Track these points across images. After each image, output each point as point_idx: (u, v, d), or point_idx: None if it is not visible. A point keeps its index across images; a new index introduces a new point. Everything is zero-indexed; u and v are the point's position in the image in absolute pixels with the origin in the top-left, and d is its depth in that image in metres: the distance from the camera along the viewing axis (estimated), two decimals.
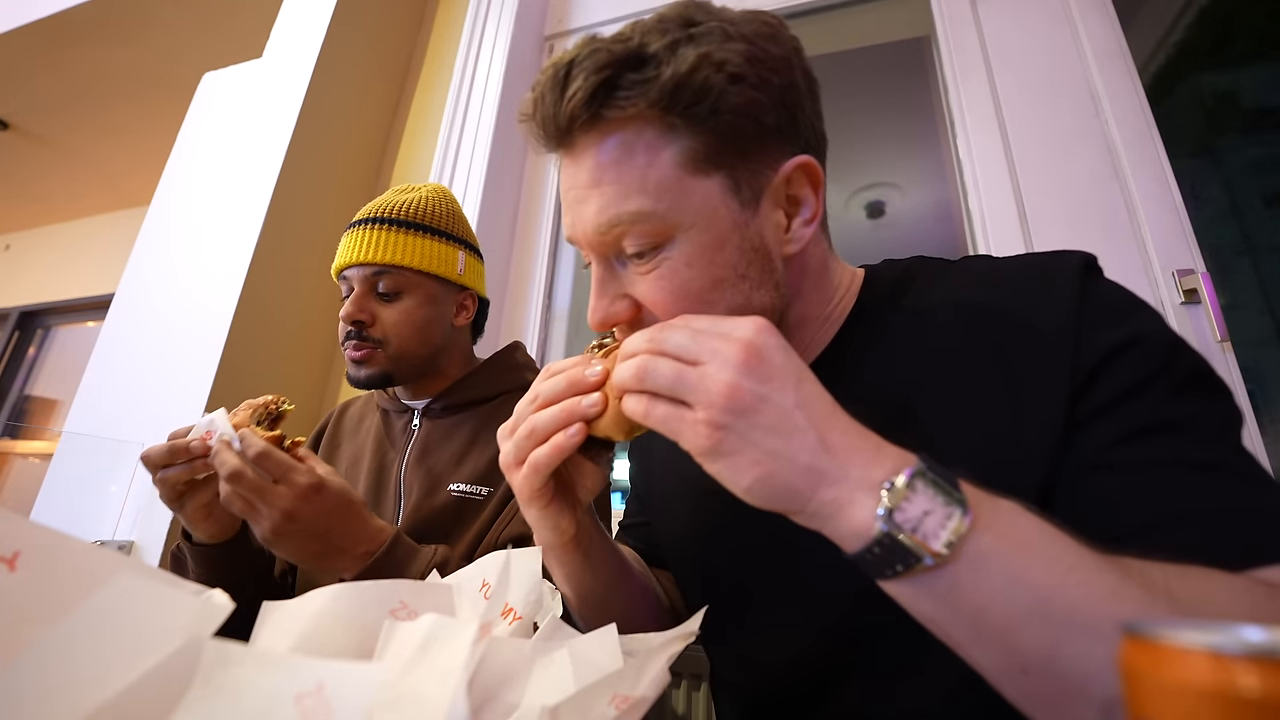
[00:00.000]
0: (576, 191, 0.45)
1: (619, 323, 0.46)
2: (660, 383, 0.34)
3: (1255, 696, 0.16)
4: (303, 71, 1.46)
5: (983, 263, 0.49)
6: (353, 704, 0.23)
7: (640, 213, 0.42)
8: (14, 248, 3.73)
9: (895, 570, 0.30)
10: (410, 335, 0.82)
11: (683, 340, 0.35)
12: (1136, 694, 0.18)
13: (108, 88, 2.46)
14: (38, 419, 3.27)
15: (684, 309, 0.42)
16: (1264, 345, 1.36)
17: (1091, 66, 1.12)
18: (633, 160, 0.42)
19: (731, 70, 0.41)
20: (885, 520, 0.29)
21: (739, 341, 0.33)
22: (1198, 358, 0.40)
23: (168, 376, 1.26)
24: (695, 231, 0.42)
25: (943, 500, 0.30)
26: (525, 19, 1.64)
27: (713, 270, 0.43)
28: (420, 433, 0.86)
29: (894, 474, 0.30)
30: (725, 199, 0.43)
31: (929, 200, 2.00)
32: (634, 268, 0.44)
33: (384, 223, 0.83)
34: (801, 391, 0.33)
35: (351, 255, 0.81)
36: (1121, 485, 0.37)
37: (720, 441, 0.32)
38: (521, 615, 0.41)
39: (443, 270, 0.84)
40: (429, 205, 0.86)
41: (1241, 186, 1.54)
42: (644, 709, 0.34)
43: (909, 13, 1.38)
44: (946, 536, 0.29)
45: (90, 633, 0.24)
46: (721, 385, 0.32)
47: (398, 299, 0.82)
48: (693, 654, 1.01)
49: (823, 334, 0.51)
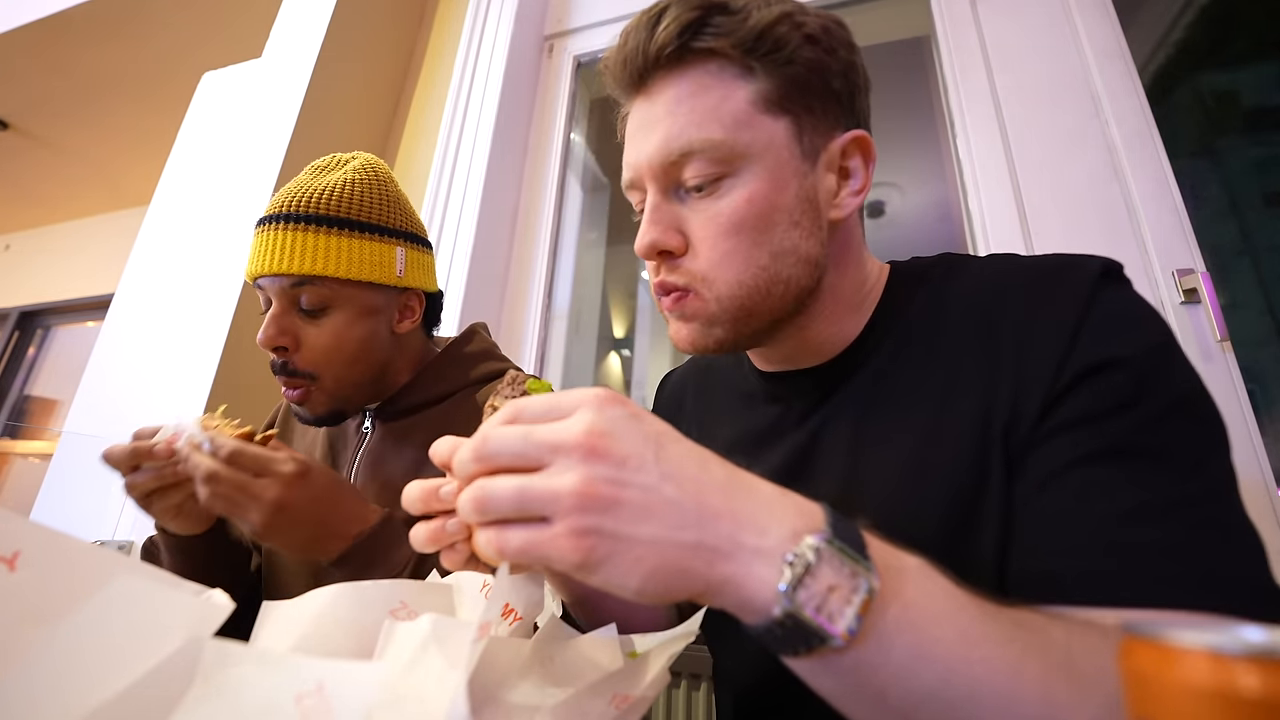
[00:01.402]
0: (647, 124, 0.46)
1: (667, 250, 0.46)
2: (505, 508, 0.28)
3: (1255, 696, 0.16)
4: (303, 71, 1.46)
5: (1005, 261, 0.49)
6: (353, 704, 0.23)
7: (711, 140, 0.44)
8: (14, 248, 3.73)
9: (799, 651, 0.27)
10: (344, 362, 0.68)
11: (514, 446, 0.29)
12: (1136, 694, 0.18)
13: (107, 88, 2.46)
14: (38, 419, 3.27)
15: (737, 244, 0.44)
16: (1264, 345, 1.35)
17: (1091, 66, 1.12)
18: (709, 93, 0.44)
19: (807, 32, 0.45)
20: (787, 598, 0.26)
21: (578, 430, 0.28)
22: (1186, 384, 0.39)
23: (168, 376, 1.26)
24: (760, 168, 0.44)
25: (849, 571, 0.27)
26: (525, 19, 1.64)
27: (770, 209, 0.45)
28: (372, 438, 0.75)
29: (794, 539, 0.27)
30: (790, 144, 0.45)
31: (929, 200, 2.00)
32: (693, 201, 0.46)
33: (299, 220, 0.66)
34: (664, 462, 0.28)
35: (262, 263, 0.66)
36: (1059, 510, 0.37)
37: (591, 550, 0.26)
38: (521, 615, 0.41)
39: (377, 275, 0.69)
40: (355, 192, 0.69)
41: (1241, 186, 1.54)
42: (644, 709, 0.34)
43: (908, 12, 1.38)
44: (853, 614, 0.26)
45: (90, 633, 0.24)
46: (571, 486, 0.27)
47: (324, 315, 0.67)
48: (693, 654, 1.01)
49: (852, 324, 0.51)
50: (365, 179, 0.71)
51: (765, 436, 0.54)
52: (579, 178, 1.64)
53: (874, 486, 0.46)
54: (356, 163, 0.73)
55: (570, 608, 0.50)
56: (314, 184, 0.69)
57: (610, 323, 2.50)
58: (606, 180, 1.81)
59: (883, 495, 0.45)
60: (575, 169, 1.63)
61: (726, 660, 0.56)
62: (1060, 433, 0.39)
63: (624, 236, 2.08)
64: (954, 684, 0.27)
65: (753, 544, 0.27)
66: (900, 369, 0.48)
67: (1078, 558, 0.35)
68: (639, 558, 0.27)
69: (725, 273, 0.45)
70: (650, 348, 2.69)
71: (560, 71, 1.67)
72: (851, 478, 0.47)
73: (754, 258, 0.45)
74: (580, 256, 1.58)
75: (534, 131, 1.63)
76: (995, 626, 0.28)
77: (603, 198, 1.82)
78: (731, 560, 0.27)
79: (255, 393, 1.27)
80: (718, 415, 0.61)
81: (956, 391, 0.44)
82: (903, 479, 0.44)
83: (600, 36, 1.66)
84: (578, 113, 1.68)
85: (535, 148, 1.61)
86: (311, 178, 0.71)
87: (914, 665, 0.27)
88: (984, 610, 0.29)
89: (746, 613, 0.28)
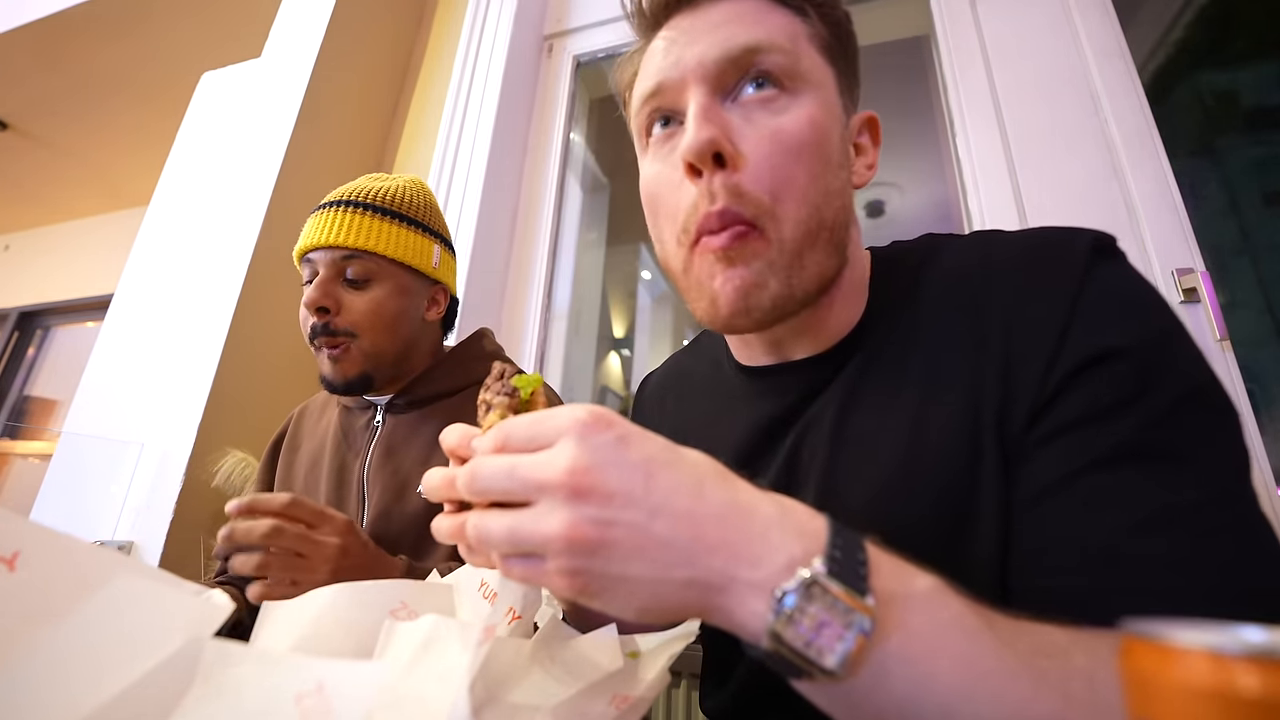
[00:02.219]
0: (696, 30, 0.43)
1: (720, 152, 0.40)
2: (500, 546, 0.28)
3: (1255, 696, 0.16)
4: (302, 71, 1.46)
5: (990, 239, 0.46)
6: (353, 704, 0.23)
7: (779, 45, 0.42)
8: (13, 248, 3.73)
9: (794, 676, 0.27)
10: (381, 327, 0.75)
11: (501, 483, 0.28)
12: (1136, 695, 0.18)
13: (107, 87, 2.46)
14: (38, 419, 3.27)
15: (798, 169, 0.40)
16: (1263, 344, 1.35)
17: (1091, 65, 1.12)
18: (771, 17, 0.43)
19: (844, 12, 0.47)
20: (776, 634, 0.25)
21: (561, 467, 0.26)
22: (1194, 372, 0.36)
23: (167, 376, 1.26)
24: (817, 97, 0.43)
25: (844, 608, 0.25)
26: (525, 19, 1.64)
27: (828, 139, 0.42)
28: (384, 430, 0.79)
29: (789, 572, 0.26)
30: (836, 90, 0.45)
31: (928, 199, 2.00)
32: (749, 109, 0.41)
33: (357, 206, 0.77)
34: (654, 493, 0.27)
35: (319, 237, 0.75)
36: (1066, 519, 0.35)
37: (585, 586, 0.27)
38: (521, 615, 0.41)
39: (416, 261, 0.79)
40: (406, 194, 0.81)
41: (1241, 185, 1.54)
42: (644, 709, 0.34)
43: (908, 11, 1.38)
44: (843, 650, 0.25)
45: (91, 633, 0.24)
46: (557, 530, 0.26)
47: (366, 287, 0.76)
48: (693, 654, 1.01)
49: (852, 311, 0.48)
50: (414, 187, 0.83)
51: (759, 439, 0.50)
52: (579, 178, 1.64)
53: (862, 486, 0.43)
54: (405, 178, 0.85)
55: (569, 614, 0.50)
56: (369, 184, 0.80)
57: (610, 323, 2.50)
58: (606, 180, 1.81)
59: (869, 495, 0.42)
60: (575, 169, 1.63)
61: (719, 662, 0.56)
62: (1060, 434, 0.36)
63: (623, 237, 2.08)
64: (955, 718, 0.26)
65: (745, 577, 0.26)
66: (887, 358, 0.45)
67: (1089, 573, 0.33)
68: (631, 593, 0.27)
69: (791, 203, 0.40)
70: (650, 348, 2.69)
71: (560, 71, 1.66)
72: (837, 477, 0.45)
73: (811, 193, 0.41)
74: (580, 256, 1.58)
75: (533, 131, 1.63)
76: (1009, 656, 0.27)
77: (602, 198, 1.82)
78: (724, 594, 0.26)
79: (255, 393, 1.27)
80: (705, 420, 0.57)
81: (943, 382, 0.41)
82: (892, 477, 0.42)
83: (600, 36, 1.66)
84: (577, 112, 1.68)
85: (535, 148, 1.61)
86: (367, 181, 0.82)
87: (913, 696, 0.26)
88: (998, 638, 0.27)
89: (744, 636, 0.27)
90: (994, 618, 0.28)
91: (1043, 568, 0.35)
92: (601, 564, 0.26)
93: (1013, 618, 0.29)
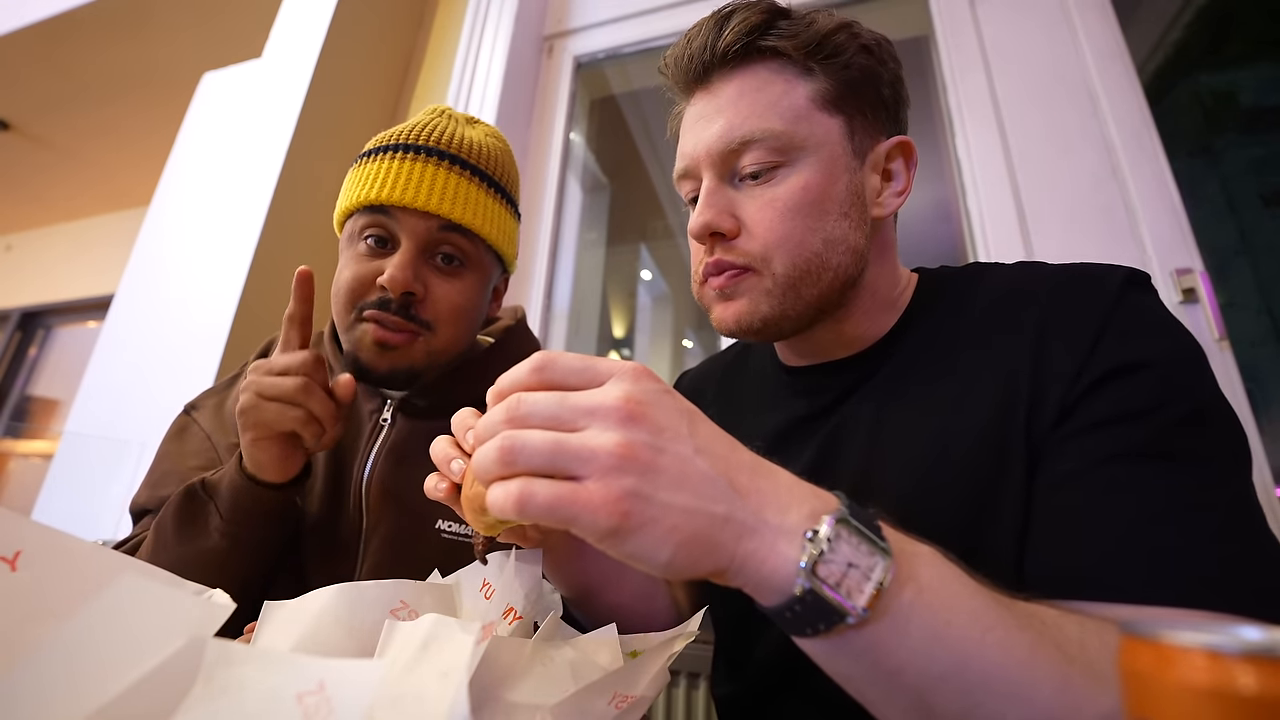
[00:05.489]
0: (708, 115, 0.50)
1: (720, 232, 0.48)
2: (535, 460, 0.27)
3: (1254, 695, 0.16)
4: (303, 71, 1.46)
5: (1033, 267, 0.51)
6: (354, 702, 0.24)
7: (771, 130, 0.47)
8: (15, 248, 3.73)
9: (816, 629, 0.27)
10: (462, 325, 0.61)
11: (549, 409, 0.28)
12: (1135, 694, 0.19)
13: (108, 88, 2.46)
14: (38, 419, 3.27)
15: (793, 227, 0.47)
16: (1262, 345, 1.36)
17: (1090, 66, 1.12)
18: (771, 88, 0.48)
19: (863, 42, 0.50)
20: (808, 575, 0.26)
21: (617, 395, 0.28)
22: (1213, 395, 0.40)
23: (168, 376, 1.26)
24: (815, 159, 0.47)
25: (867, 550, 0.27)
26: (525, 19, 1.64)
27: (824, 198, 0.47)
28: (391, 433, 0.62)
29: (814, 520, 0.28)
30: (843, 140, 0.49)
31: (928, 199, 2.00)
32: (748, 189, 0.49)
33: (461, 165, 0.59)
34: (698, 436, 0.29)
35: (409, 194, 0.56)
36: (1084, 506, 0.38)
37: (627, 515, 0.26)
38: (522, 615, 0.41)
39: (506, 247, 0.64)
40: (500, 158, 0.64)
41: (1240, 186, 1.54)
42: (644, 709, 0.34)
43: (907, 12, 1.39)
44: (870, 591, 0.27)
45: (92, 633, 0.24)
46: (611, 445, 0.26)
47: (458, 272, 0.60)
48: (693, 654, 1.01)
49: (884, 321, 0.53)
50: (503, 147, 0.66)
51: (793, 429, 0.55)
52: (578, 178, 1.64)
53: (894, 476, 0.47)
54: (487, 126, 0.66)
55: (568, 599, 0.50)
56: (463, 131, 0.62)
57: (610, 323, 2.50)
58: (606, 180, 1.81)
59: (903, 485, 0.46)
60: (575, 169, 1.63)
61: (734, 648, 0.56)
62: (1086, 431, 0.39)
63: (623, 237, 2.08)
64: (969, 666, 0.27)
65: (776, 521, 0.28)
66: (924, 363, 0.49)
67: (1102, 554, 0.36)
68: (674, 526, 0.26)
69: (782, 253, 0.47)
70: (650, 347, 2.69)
71: (560, 72, 1.67)
72: (872, 468, 0.48)
73: (808, 242, 0.47)
74: (580, 256, 1.58)
75: (534, 132, 1.63)
76: (1009, 614, 0.29)
77: (602, 198, 1.82)
78: (756, 536, 0.28)
79: None
80: (741, 411, 0.61)
81: (979, 384, 0.45)
82: (923, 470, 0.45)
83: (600, 37, 1.66)
84: (577, 113, 1.68)
85: (535, 148, 1.61)
86: (451, 123, 0.63)
87: (929, 646, 0.27)
88: (996, 598, 0.30)
89: (766, 591, 0.28)
90: (986, 584, 0.30)
91: (1060, 548, 0.38)
92: (650, 487, 0.26)
93: (1000, 590, 0.31)
